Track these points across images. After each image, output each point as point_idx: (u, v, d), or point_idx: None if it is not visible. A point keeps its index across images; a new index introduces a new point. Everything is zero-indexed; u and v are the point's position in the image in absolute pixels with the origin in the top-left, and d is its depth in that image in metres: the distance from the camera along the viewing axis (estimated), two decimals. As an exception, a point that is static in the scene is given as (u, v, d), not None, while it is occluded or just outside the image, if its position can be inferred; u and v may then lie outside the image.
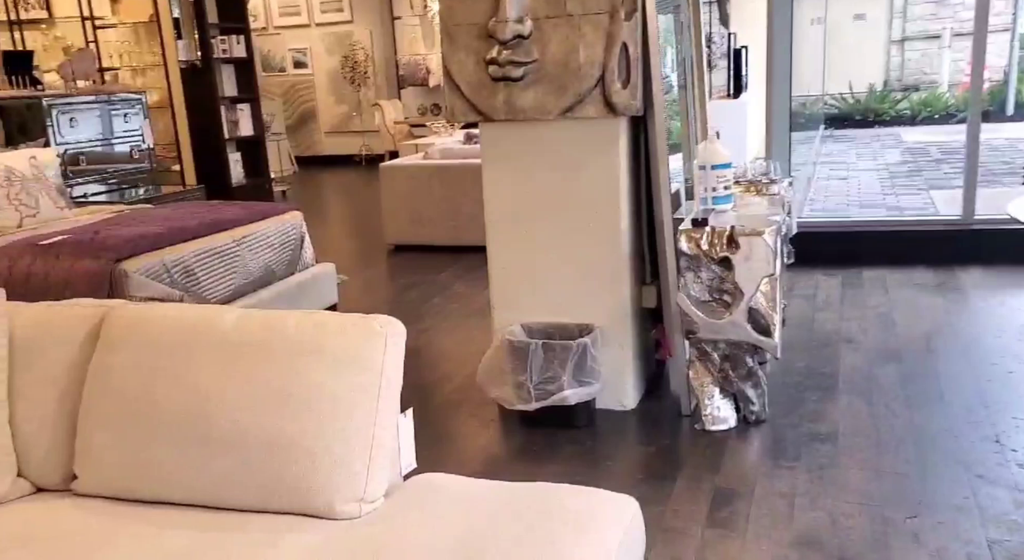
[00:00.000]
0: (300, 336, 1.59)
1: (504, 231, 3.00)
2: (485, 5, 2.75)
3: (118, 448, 1.57)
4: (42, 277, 2.90)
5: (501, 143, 2.92)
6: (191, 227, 3.36)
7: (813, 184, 7.63)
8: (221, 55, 8.19)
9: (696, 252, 2.69)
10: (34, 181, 3.60)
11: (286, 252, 3.78)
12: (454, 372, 3.46)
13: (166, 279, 3.08)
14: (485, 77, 2.79)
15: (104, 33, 8.32)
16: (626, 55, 2.65)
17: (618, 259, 2.91)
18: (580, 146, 2.83)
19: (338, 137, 11.95)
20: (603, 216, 2.88)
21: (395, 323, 1.67)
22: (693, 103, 3.43)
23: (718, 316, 2.71)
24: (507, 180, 2.95)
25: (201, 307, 1.67)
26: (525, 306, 3.03)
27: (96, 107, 4.79)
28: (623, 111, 2.70)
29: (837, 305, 4.06)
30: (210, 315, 1.64)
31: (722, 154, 2.84)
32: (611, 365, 2.95)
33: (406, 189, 5.72)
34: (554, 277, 2.98)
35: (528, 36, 2.72)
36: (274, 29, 12.05)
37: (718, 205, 2.86)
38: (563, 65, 2.71)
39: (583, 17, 2.67)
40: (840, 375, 3.22)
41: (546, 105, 2.76)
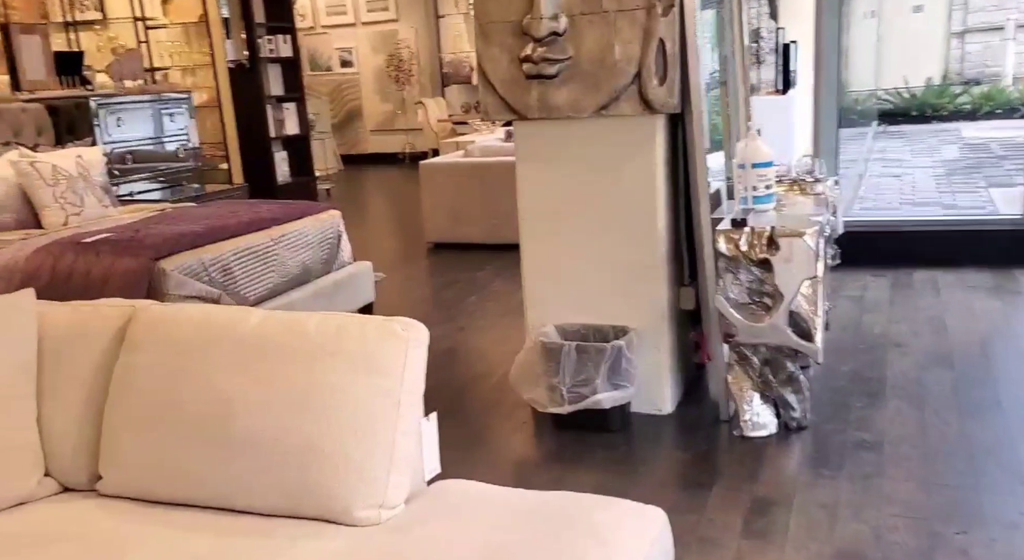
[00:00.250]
0: (321, 339, 1.57)
1: (538, 230, 2.96)
2: (520, 2, 2.71)
3: (142, 449, 1.57)
4: (83, 275, 2.95)
5: (535, 141, 2.88)
6: (230, 226, 3.38)
7: (865, 181, 7.42)
8: (268, 55, 8.29)
9: (735, 253, 2.62)
10: (80, 180, 3.67)
11: (323, 251, 3.79)
12: (489, 372, 3.43)
13: (204, 277, 3.11)
14: (519, 75, 2.75)
15: (155, 33, 8.50)
16: (663, 51, 2.59)
17: (655, 260, 2.85)
18: (616, 144, 2.77)
19: (383, 135, 12.02)
20: (639, 216, 2.82)
21: (417, 326, 1.64)
22: (736, 100, 3.34)
23: (757, 319, 2.63)
24: (541, 178, 2.91)
25: (225, 308, 1.67)
26: (559, 307, 2.98)
27: (143, 107, 4.88)
28: (660, 108, 2.63)
29: (886, 307, 3.93)
30: (233, 317, 1.63)
31: (763, 152, 2.76)
32: (647, 368, 2.88)
33: (446, 187, 5.71)
34: (589, 278, 2.93)
35: (563, 33, 2.67)
36: (321, 28, 12.16)
37: (758, 205, 2.78)
38: (598, 62, 2.66)
39: (619, 13, 2.61)
40: (887, 380, 3.11)
41: (581, 103, 2.71)
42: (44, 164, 3.54)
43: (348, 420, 1.51)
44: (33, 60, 4.77)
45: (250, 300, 3.32)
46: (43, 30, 5.35)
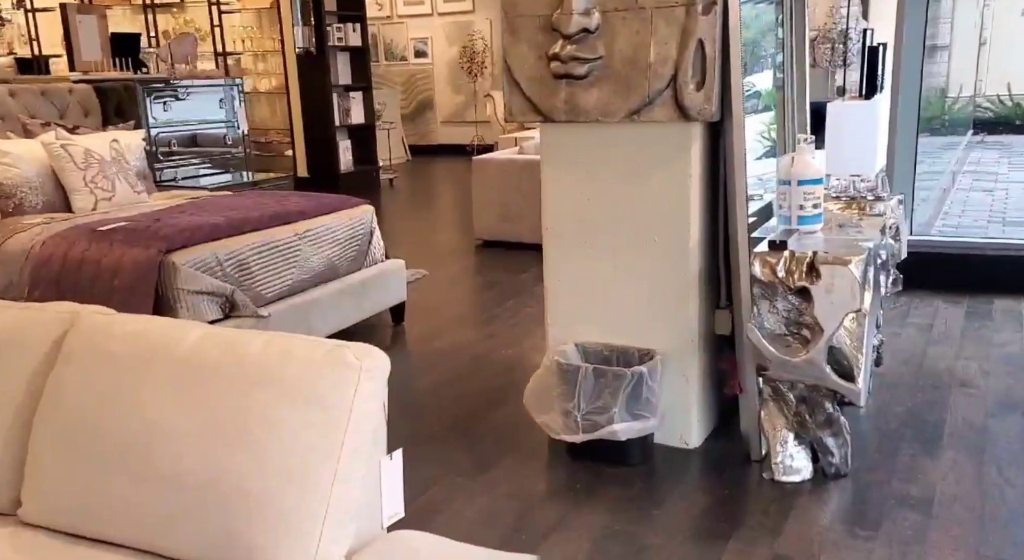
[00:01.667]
0: (262, 363, 1.41)
1: (562, 241, 2.75)
2: (550, -6, 2.49)
3: (64, 476, 1.44)
4: (94, 264, 2.89)
5: (561, 146, 2.67)
6: (253, 219, 3.28)
7: (950, 196, 6.90)
8: (336, 43, 8.26)
9: (771, 279, 2.35)
10: (113, 164, 3.64)
11: (352, 248, 3.66)
12: (510, 387, 3.24)
13: (218, 272, 3.01)
14: (546, 74, 2.55)
15: (229, 18, 8.60)
16: (702, 53, 2.34)
17: (686, 279, 2.60)
18: (648, 152, 2.54)
19: (453, 127, 11.93)
20: (671, 230, 2.57)
21: (374, 355, 1.46)
22: (791, 106, 3.05)
23: (793, 353, 2.36)
24: (567, 186, 2.69)
25: (168, 322, 1.52)
26: (582, 324, 2.77)
27: (192, 91, 4.86)
28: (696, 116, 2.39)
29: (956, 339, 3.56)
30: (172, 332, 1.48)
31: (812, 167, 2.48)
32: (674, 397, 2.65)
33: (497, 184, 5.54)
34: (614, 294, 2.70)
35: (595, 30, 2.45)
36: (398, 18, 12.14)
37: (804, 226, 2.50)
38: (631, 63, 2.43)
39: (656, 10, 2.37)
40: (947, 426, 2.79)
41: (611, 106, 2.49)
42: (77, 147, 3.52)
43: (281, 460, 1.35)
44: (89, 40, 4.81)
45: (267, 297, 3.21)
46: (100, 10, 5.41)
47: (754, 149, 3.10)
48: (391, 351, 3.84)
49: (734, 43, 2.35)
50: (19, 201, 3.39)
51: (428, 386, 3.31)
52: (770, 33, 3.02)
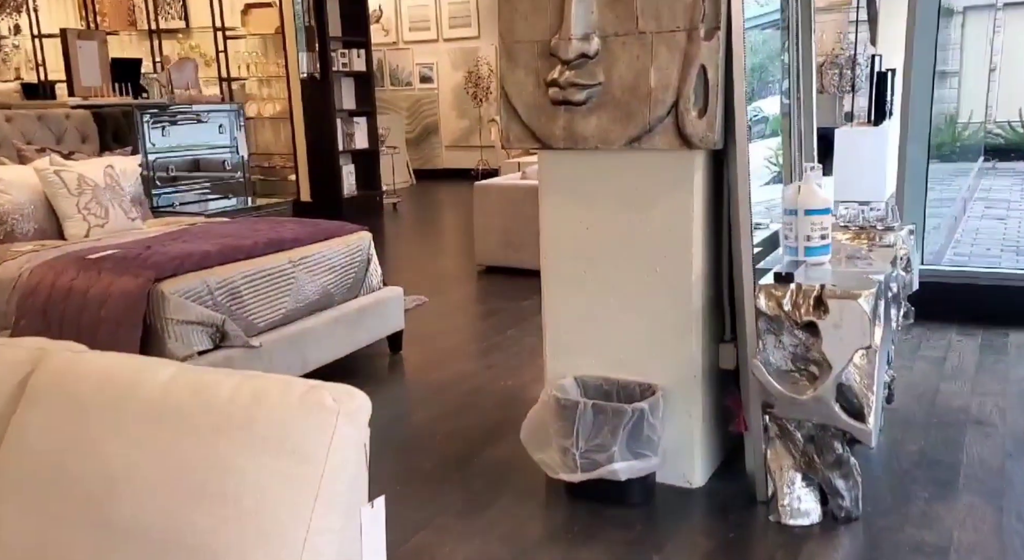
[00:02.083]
0: (231, 407, 1.32)
1: (561, 270, 2.67)
2: (548, 21, 2.43)
3: (25, 527, 1.35)
4: (81, 293, 2.82)
5: (560, 173, 2.60)
6: (247, 246, 3.21)
7: (962, 224, 6.80)
8: (341, 69, 8.26)
9: (777, 313, 2.26)
10: (107, 190, 3.58)
11: (348, 275, 3.59)
12: (508, 422, 3.14)
13: (208, 301, 2.94)
14: (544, 100, 2.48)
15: (234, 43, 8.63)
16: (705, 80, 2.27)
17: (688, 311, 2.51)
18: (648, 181, 2.46)
19: (457, 151, 11.92)
20: (673, 261, 2.49)
21: (354, 397, 1.37)
22: (797, 134, 2.97)
23: (800, 391, 2.26)
24: (566, 215, 2.62)
25: (138, 361, 1.44)
26: (581, 357, 2.67)
27: (191, 116, 4.82)
28: (699, 144, 2.31)
29: (970, 374, 3.45)
30: (140, 373, 1.40)
31: (819, 196, 2.39)
32: (677, 434, 2.55)
33: (499, 209, 5.47)
34: (615, 326, 2.61)
35: (594, 56, 2.38)
36: (404, 44, 12.18)
37: (811, 257, 2.41)
38: (631, 89, 2.36)
39: (657, 35, 2.30)
40: (962, 467, 2.67)
41: (610, 134, 2.41)
42: (70, 173, 3.46)
43: (249, 514, 1.25)
44: (89, 66, 4.80)
45: (260, 327, 3.13)
46: (101, 36, 5.41)
47: (761, 175, 3.02)
48: (387, 382, 3.77)
49: (738, 69, 2.27)
50: (10, 228, 3.33)
51: (423, 420, 3.22)
52: (776, 58, 2.95)
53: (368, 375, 3.67)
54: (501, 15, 2.53)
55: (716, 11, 2.25)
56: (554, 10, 2.42)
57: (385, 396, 3.47)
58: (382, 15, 12.18)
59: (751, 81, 2.90)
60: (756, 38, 2.91)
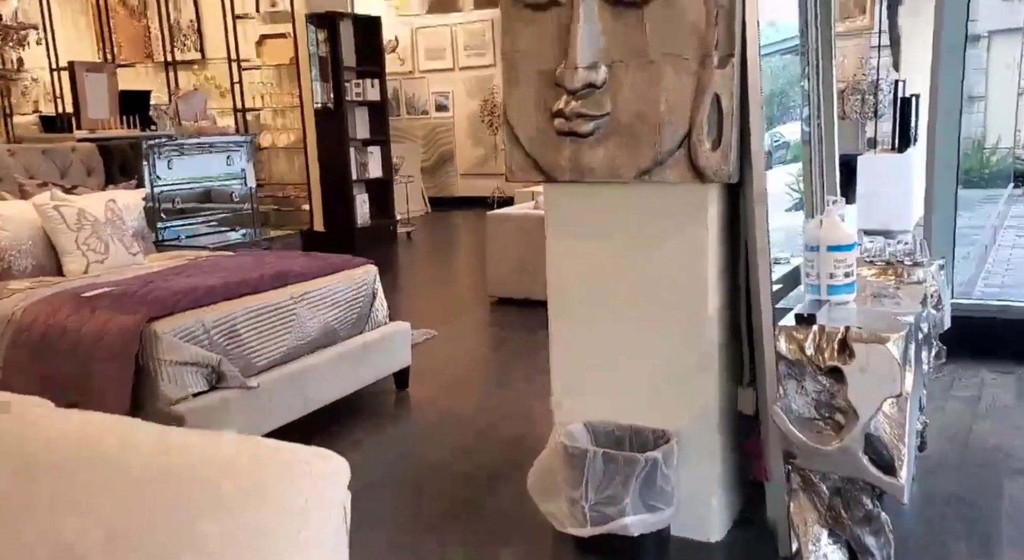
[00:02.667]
0: (194, 472, 1.20)
1: (569, 309, 2.54)
2: (553, 49, 2.33)
3: (-33, 603, 1.23)
4: (75, 332, 2.73)
5: (566, 207, 2.48)
6: (250, 281, 3.12)
7: (992, 253, 6.59)
8: (355, 98, 8.24)
9: (799, 357, 2.11)
10: (107, 225, 3.51)
11: (353, 310, 3.48)
12: (516, 466, 2.99)
13: (204, 341, 2.83)
14: (549, 130, 2.37)
15: (249, 74, 8.64)
16: (718, 109, 2.14)
17: (704, 353, 2.37)
18: (659, 216, 2.33)
19: (473, 179, 11.87)
20: (687, 300, 2.35)
21: (331, 460, 1.24)
22: (819, 164, 2.83)
23: (824, 441, 2.10)
24: (573, 250, 2.49)
25: (100, 420, 1.33)
26: (591, 401, 2.53)
27: (198, 148, 4.77)
28: (712, 177, 2.18)
29: (1007, 414, 3.27)
30: (102, 433, 1.28)
31: (843, 231, 2.25)
32: (693, 483, 2.39)
33: (511, 239, 5.35)
34: (626, 369, 2.47)
35: (601, 85, 2.27)
36: (420, 73, 12.20)
37: (835, 296, 2.27)
38: (640, 119, 2.24)
39: (667, 63, 2.19)
40: (1003, 516, 2.49)
41: (618, 166, 2.29)
42: (70, 208, 3.39)
43: (211, 595, 1.13)
44: (97, 98, 4.77)
45: (259, 366, 3.02)
46: (110, 68, 5.40)
47: (781, 201, 2.89)
48: (392, 421, 3.63)
49: (754, 98, 2.15)
50: (7, 265, 3.26)
51: (427, 462, 3.08)
52: (796, 84, 2.83)
53: (372, 413, 3.54)
54: (504, 42, 2.43)
55: (730, 37, 2.14)
56: (559, 38, 2.31)
57: (389, 435, 3.33)
58: (398, 44, 12.22)
59: (771, 107, 2.78)
60: (776, 64, 2.80)
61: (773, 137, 2.81)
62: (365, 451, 3.15)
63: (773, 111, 2.79)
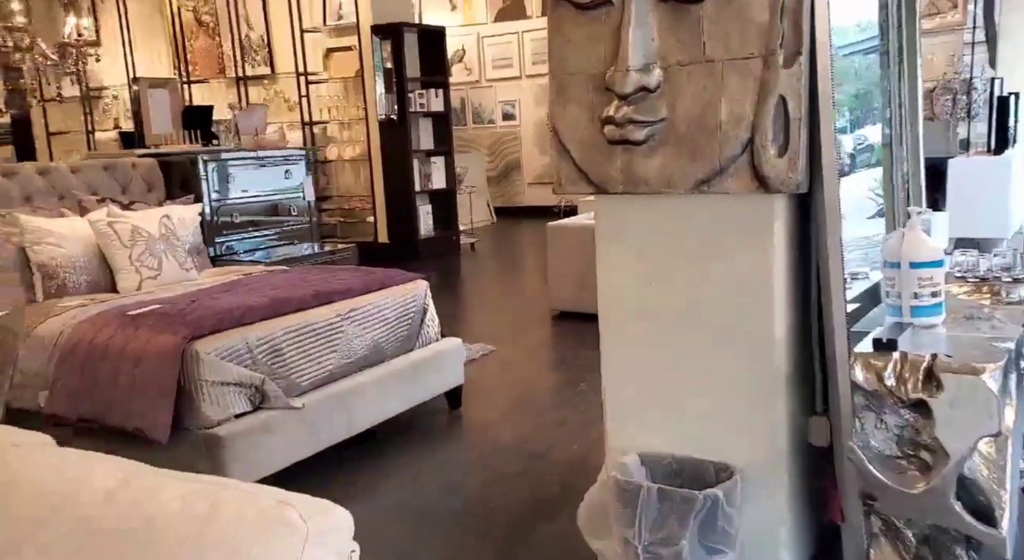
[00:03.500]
0: (178, 525, 1.09)
1: (622, 330, 2.36)
2: (603, 50, 2.16)
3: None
4: (117, 353, 2.69)
5: (618, 221, 2.31)
6: (295, 299, 3.04)
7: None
8: (419, 109, 8.22)
9: (877, 387, 1.89)
10: (161, 241, 3.49)
11: (402, 327, 3.37)
12: (568, 495, 2.81)
13: (247, 360, 2.76)
14: (599, 139, 2.20)
15: (316, 88, 8.72)
16: (784, 112, 1.94)
17: (771, 379, 2.15)
18: (720, 229, 2.13)
19: (539, 188, 11.74)
20: (751, 321, 2.14)
21: (329, 513, 1.12)
22: (900, 169, 2.59)
23: (909, 483, 1.87)
24: (626, 267, 2.32)
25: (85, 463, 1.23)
26: (646, 430, 2.34)
27: (256, 162, 4.76)
28: (778, 187, 1.98)
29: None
30: (89, 477, 1.18)
31: (928, 246, 2.01)
32: (758, 523, 2.17)
33: (573, 251, 5.18)
34: (685, 396, 2.28)
35: (655, 89, 2.09)
36: (486, 82, 12.16)
37: (919, 318, 2.03)
38: (698, 125, 2.05)
39: (728, 63, 2.00)
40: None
41: (675, 176, 2.11)
42: (124, 224, 3.39)
43: None
44: (160, 114, 4.83)
45: (303, 386, 2.93)
46: (172, 84, 5.47)
47: (864, 209, 2.66)
48: (442, 443, 3.49)
49: (824, 99, 1.94)
50: (62, 282, 3.27)
51: (477, 487, 2.93)
52: (877, 85, 2.60)
53: (422, 435, 3.42)
54: (552, 46, 2.28)
55: (797, 34, 1.93)
56: (609, 38, 2.15)
57: (437, 459, 3.20)
58: (465, 54, 12.22)
59: (856, 109, 2.57)
60: (860, 63, 2.58)
61: (857, 140, 2.61)
62: (410, 476, 3.03)
63: (858, 112, 2.58)
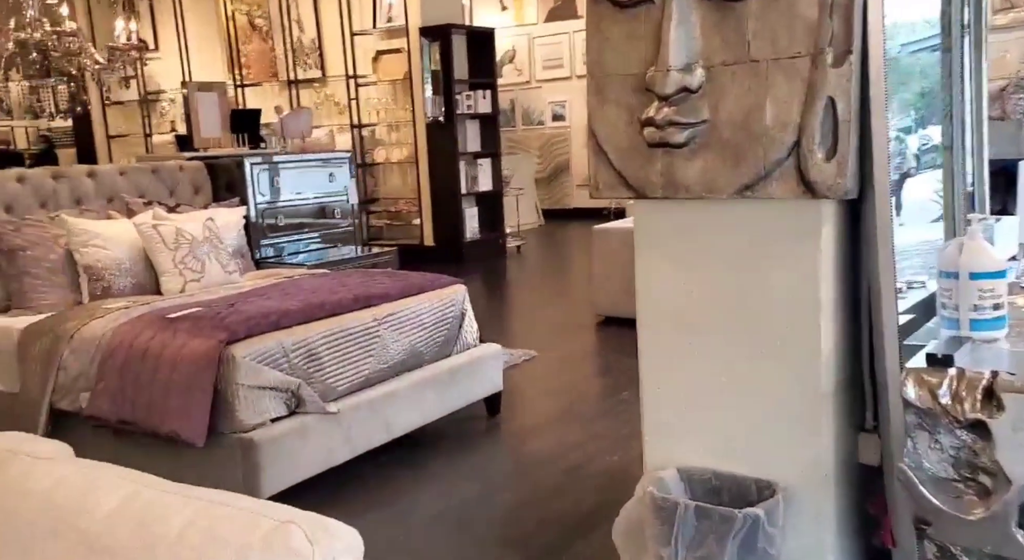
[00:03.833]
0: (178, 547, 1.05)
1: (661, 341, 2.28)
2: (643, 50, 2.08)
3: None
4: (155, 356, 2.70)
5: (658, 227, 2.22)
6: (330, 303, 3.03)
7: None
8: (466, 111, 8.21)
9: (931, 406, 1.77)
10: (205, 243, 3.52)
11: (440, 332, 3.33)
12: (606, 509, 2.74)
13: (283, 364, 2.75)
14: (638, 141, 2.12)
15: (365, 91, 8.77)
16: (833, 114, 1.84)
17: (817, 393, 2.05)
18: (764, 236, 2.04)
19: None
20: (797, 332, 2.04)
21: (337, 535, 1.08)
22: (962, 173, 2.45)
23: (966, 508, 1.75)
24: (666, 275, 2.23)
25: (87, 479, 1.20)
26: (686, 444, 2.26)
27: (301, 165, 4.79)
28: (826, 192, 1.87)
29: None
30: (85, 498, 1.15)
31: (989, 255, 1.89)
32: (802, 546, 2.07)
33: (618, 255, 5.08)
34: (726, 409, 2.18)
35: (697, 89, 2.01)
36: (536, 83, 12.11)
37: (978, 332, 1.90)
38: (742, 127, 1.96)
39: (774, 62, 1.90)
40: None
41: (717, 180, 2.02)
42: (168, 227, 3.42)
43: None
44: (209, 117, 4.90)
45: (339, 391, 2.92)
46: (221, 87, 5.54)
47: (926, 212, 2.54)
48: (479, 451, 3.43)
49: (877, 100, 1.83)
50: (107, 284, 3.31)
51: (512, 500, 2.87)
52: (940, 83, 2.48)
53: (459, 442, 3.37)
54: (589, 45, 2.20)
55: (847, 31, 1.83)
56: (649, 37, 2.07)
57: (474, 468, 3.15)
58: (515, 55, 12.19)
59: (921, 107, 2.46)
60: (926, 61, 2.46)
61: (922, 140, 2.50)
62: (445, 485, 2.98)
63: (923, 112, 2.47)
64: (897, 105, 2.07)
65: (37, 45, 4.62)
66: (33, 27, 4.62)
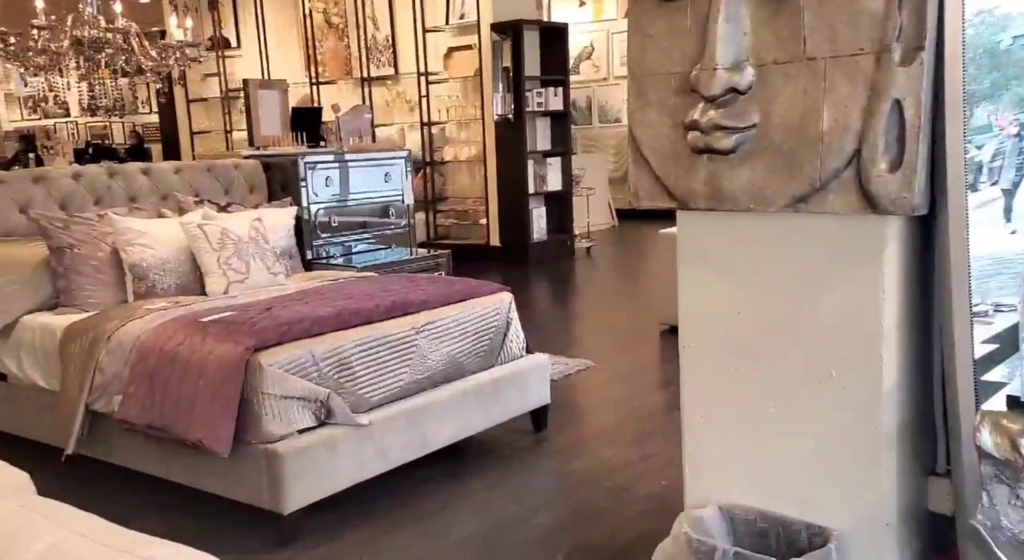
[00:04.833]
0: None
1: (704, 364, 2.08)
2: (688, 47, 1.89)
3: None
4: (184, 361, 2.65)
5: (702, 240, 2.03)
6: (364, 310, 2.92)
7: None
8: (536, 108, 8.06)
9: (1011, 457, 1.53)
10: (250, 244, 3.47)
11: (483, 342, 3.19)
12: (649, 539, 2.54)
13: (313, 373, 2.66)
14: (681, 147, 1.93)
15: (436, 88, 8.72)
16: (900, 119, 1.61)
17: (878, 433, 1.82)
18: (820, 254, 1.82)
19: (664, 190, 11.31)
20: (856, 363, 1.82)
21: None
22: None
23: (1049, 579, 1.50)
24: (710, 293, 2.04)
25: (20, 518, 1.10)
26: (729, 478, 2.06)
27: (356, 165, 4.72)
28: (889, 207, 1.65)
29: None
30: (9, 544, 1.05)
31: (1086, 284, 1.62)
32: (857, 600, 1.85)
33: (683, 263, 4.84)
34: (775, 443, 1.98)
35: (747, 90, 1.81)
36: (614, 79, 11.85)
37: (1071, 373, 1.64)
38: (796, 132, 1.75)
39: (832, 61, 1.69)
40: None
41: (767, 191, 1.81)
42: (213, 227, 3.39)
43: None
44: (269, 115, 4.89)
45: (372, 401, 2.81)
46: (282, 85, 5.54)
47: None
48: (520, 469, 3.24)
49: (953, 104, 1.60)
50: (151, 283, 3.30)
51: (549, 524, 2.71)
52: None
53: (501, 458, 3.23)
54: (630, 42, 2.03)
55: (919, 24, 1.60)
56: (695, 33, 1.88)
57: (513, 487, 3.00)
58: (594, 51, 11.97)
59: None
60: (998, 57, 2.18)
61: None
62: (479, 505, 2.84)
63: None
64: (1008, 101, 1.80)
65: (92, 43, 4.71)
66: (91, 25, 4.71)
